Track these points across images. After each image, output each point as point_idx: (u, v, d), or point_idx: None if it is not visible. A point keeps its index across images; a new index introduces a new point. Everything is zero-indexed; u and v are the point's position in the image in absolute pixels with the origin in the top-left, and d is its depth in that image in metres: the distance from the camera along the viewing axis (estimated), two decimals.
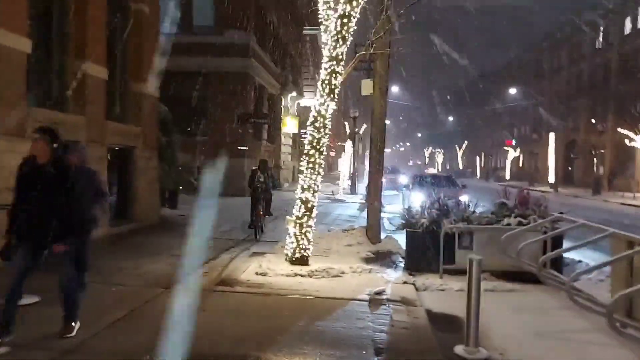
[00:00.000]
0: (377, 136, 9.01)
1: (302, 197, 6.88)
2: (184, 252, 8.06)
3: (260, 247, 8.94)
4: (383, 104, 8.96)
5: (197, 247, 8.83)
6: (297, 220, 6.91)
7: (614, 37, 35.59)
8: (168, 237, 9.38)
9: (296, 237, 6.91)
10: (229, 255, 8.02)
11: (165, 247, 8.34)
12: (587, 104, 37.63)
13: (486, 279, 6.94)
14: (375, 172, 9.04)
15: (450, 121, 71.03)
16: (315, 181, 6.86)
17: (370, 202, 9.17)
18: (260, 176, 11.32)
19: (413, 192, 15.86)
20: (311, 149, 6.81)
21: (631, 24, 33.58)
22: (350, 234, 9.15)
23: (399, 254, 8.54)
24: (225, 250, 8.37)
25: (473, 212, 7.63)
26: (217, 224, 11.97)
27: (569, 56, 42.36)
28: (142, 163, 10.62)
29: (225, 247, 8.64)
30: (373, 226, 9.03)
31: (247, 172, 19.91)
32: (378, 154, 9.03)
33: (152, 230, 10.16)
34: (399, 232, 12.31)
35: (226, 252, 8.22)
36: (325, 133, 6.85)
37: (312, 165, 6.82)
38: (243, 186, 19.13)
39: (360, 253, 8.34)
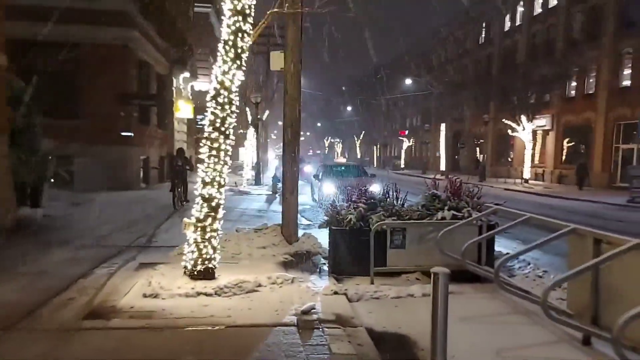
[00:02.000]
0: (291, 119, 7.73)
1: (204, 194, 5.40)
2: (43, 269, 6.16)
3: (150, 254, 7.26)
4: (297, 81, 7.69)
5: (62, 259, 6.89)
6: (198, 223, 5.42)
7: (496, 33, 38.01)
8: (23, 246, 7.30)
9: (197, 245, 5.42)
10: (108, 269, 6.24)
11: (15, 262, 6.33)
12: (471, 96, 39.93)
13: (419, 279, 6.12)
14: (290, 160, 7.77)
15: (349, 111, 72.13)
16: (220, 173, 5.41)
17: (285, 195, 7.90)
18: (178, 161, 13.20)
19: (323, 182, 14.93)
20: (214, 131, 5.34)
21: (510, 22, 36.06)
22: (263, 233, 7.82)
23: (320, 254, 7.42)
24: (102, 262, 6.56)
25: (402, 205, 6.73)
26: (95, 225, 9.99)
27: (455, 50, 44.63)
28: None
29: (103, 258, 6.82)
30: (289, 223, 7.78)
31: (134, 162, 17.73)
32: (293, 140, 7.76)
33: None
34: (313, 227, 11.35)
35: (104, 265, 6.42)
36: (232, 111, 5.42)
37: (215, 153, 5.36)
38: (128, 179, 16.82)
39: (276, 256, 7.06)
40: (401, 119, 57.58)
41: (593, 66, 26.04)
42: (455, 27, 42.98)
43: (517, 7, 35.00)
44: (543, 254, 8.06)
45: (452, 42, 44.68)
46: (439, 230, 5.90)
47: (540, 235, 5.20)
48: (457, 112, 42.84)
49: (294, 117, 7.73)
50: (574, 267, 4.11)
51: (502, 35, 37.03)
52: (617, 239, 3.58)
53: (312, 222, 12.03)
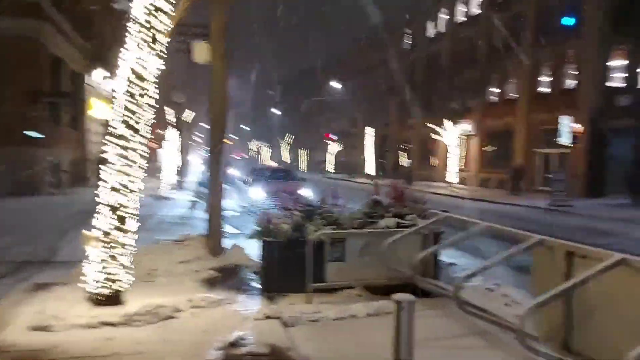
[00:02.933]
0: (217, 118, 6.95)
1: (110, 202, 4.49)
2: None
3: (49, 272, 6.15)
4: (224, 75, 6.93)
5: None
6: (102, 237, 4.50)
7: (420, 39, 39.16)
8: None
9: (102, 264, 4.50)
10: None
11: None
12: (396, 101, 40.88)
13: (361, 295, 5.59)
14: (216, 163, 6.98)
15: (276, 114, 71.49)
16: (133, 177, 4.54)
17: (210, 202, 7.08)
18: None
19: (252, 186, 14.14)
20: (125, 127, 4.46)
21: (434, 29, 37.32)
22: (184, 245, 6.94)
23: (250, 268, 6.70)
24: None
25: (341, 212, 6.18)
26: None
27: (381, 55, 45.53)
28: None
29: None
30: (215, 233, 6.99)
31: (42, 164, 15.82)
32: (219, 140, 6.98)
33: None
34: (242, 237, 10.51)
35: None
36: (147, 105, 4.58)
37: (125, 153, 4.48)
38: (35, 183, 14.98)
39: (200, 272, 6.24)
40: (329, 122, 57.82)
41: (513, 73, 27.19)
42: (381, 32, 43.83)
43: (440, 15, 36.20)
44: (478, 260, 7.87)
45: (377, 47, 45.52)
46: (382, 240, 5.42)
47: (483, 243, 4.89)
48: (384, 116, 43.70)
49: (221, 115, 6.96)
50: (541, 283, 3.75)
51: (426, 41, 38.17)
52: (594, 252, 3.23)
53: (241, 231, 11.20)
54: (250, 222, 12.69)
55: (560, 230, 12.04)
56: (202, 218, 13.21)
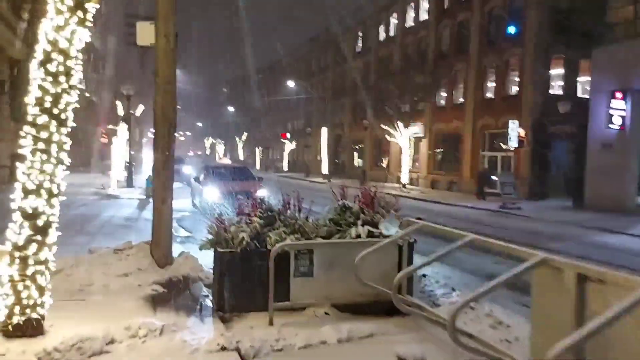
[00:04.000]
0: (163, 107, 6.08)
1: (24, 207, 3.59)
2: None
3: None
4: (171, 60, 6.07)
5: None
6: (15, 252, 3.59)
7: (372, 42, 39.08)
8: None
9: (14, 286, 3.59)
10: None
11: None
12: (350, 102, 40.70)
13: (329, 314, 4.94)
14: (163, 159, 6.10)
15: (231, 112, 69.90)
16: (52, 175, 3.65)
17: (155, 203, 6.20)
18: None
19: (205, 185, 13.17)
20: (41, 113, 3.57)
21: (385, 33, 37.33)
22: (126, 255, 6.02)
23: (203, 280, 5.90)
24: None
25: (306, 218, 5.49)
26: None
27: (334, 57, 45.25)
28: None
29: None
30: (161, 240, 6.11)
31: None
32: (166, 133, 6.11)
33: None
34: (194, 241, 9.60)
35: None
36: (71, 86, 3.70)
37: (44, 146, 3.59)
38: None
39: (143, 287, 5.37)
40: (283, 121, 57.01)
41: (461, 78, 27.67)
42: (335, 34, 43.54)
43: (391, 19, 36.28)
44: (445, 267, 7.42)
45: (331, 49, 45.16)
46: (352, 251, 4.77)
47: (441, 246, 4.39)
48: (338, 117, 43.42)
49: (168, 104, 6.09)
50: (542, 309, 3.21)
51: (378, 44, 38.13)
52: (616, 278, 2.69)
53: (192, 234, 10.29)
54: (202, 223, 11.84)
55: (516, 233, 11.95)
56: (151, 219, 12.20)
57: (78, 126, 22.60)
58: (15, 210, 3.63)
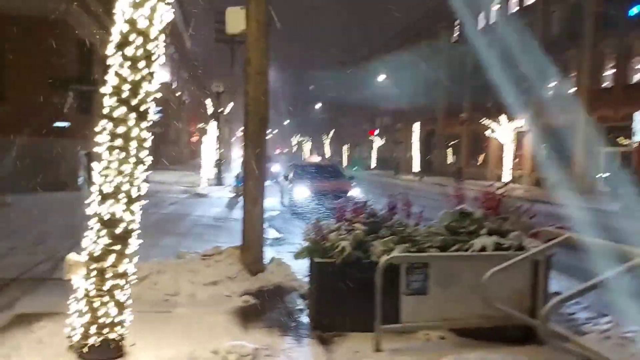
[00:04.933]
0: (255, 100, 5.53)
1: (101, 214, 3.13)
2: None
3: (42, 294, 4.90)
4: (263, 47, 5.51)
5: None
6: (91, 264, 3.15)
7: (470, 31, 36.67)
8: None
9: (90, 302, 3.15)
10: None
11: None
12: (444, 96, 38.66)
13: (445, 339, 4.08)
14: (254, 157, 5.57)
15: (318, 109, 70.26)
16: (131, 177, 3.16)
17: (246, 205, 5.69)
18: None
19: (295, 184, 12.73)
20: (119, 104, 3.08)
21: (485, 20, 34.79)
22: (214, 260, 5.57)
23: (297, 290, 5.28)
24: None
25: (416, 225, 4.62)
26: None
27: (428, 48, 43.31)
28: None
29: None
30: (252, 245, 5.60)
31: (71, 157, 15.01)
32: (258, 129, 5.56)
33: None
34: (284, 243, 9.12)
35: None
36: (151, 73, 3.18)
37: (122, 143, 3.10)
38: (63, 177, 14.11)
39: (232, 298, 4.88)
40: (372, 117, 55.95)
41: (572, 66, 24.95)
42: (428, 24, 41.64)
43: (492, 5, 33.75)
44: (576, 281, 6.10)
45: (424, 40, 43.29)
46: (475, 266, 3.87)
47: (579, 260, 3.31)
48: (430, 111, 41.54)
49: (259, 96, 5.54)
50: None
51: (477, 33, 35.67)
52: None
53: (282, 235, 9.83)
54: (294, 224, 11.38)
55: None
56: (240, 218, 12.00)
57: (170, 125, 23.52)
58: (92, 216, 3.18)
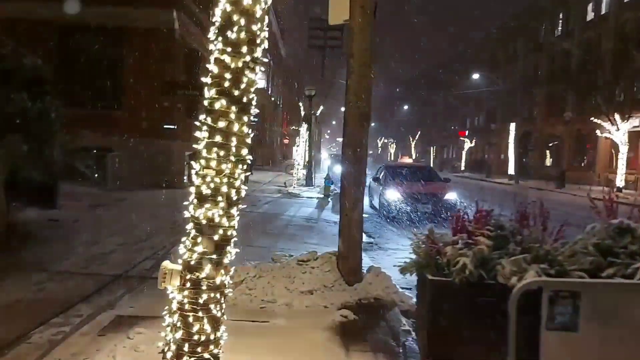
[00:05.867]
0: (357, 96, 5.05)
1: (198, 218, 2.80)
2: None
3: (143, 294, 4.81)
4: (368, 36, 5.01)
5: (7, 302, 4.49)
6: (186, 274, 2.83)
7: (576, 23, 33.53)
8: None
9: (184, 316, 2.84)
10: (59, 328, 3.76)
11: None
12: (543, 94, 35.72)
13: None
14: (354, 158, 5.09)
15: (404, 111, 68.67)
16: (231, 177, 2.80)
17: (344, 210, 5.22)
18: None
19: (386, 186, 12.12)
20: (219, 96, 2.73)
21: (593, 11, 31.58)
22: (310, 267, 5.18)
23: (398, 305, 4.73)
24: (63, 310, 4.13)
25: (556, 241, 3.84)
26: (100, 237, 7.75)
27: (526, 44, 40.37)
28: None
29: (70, 299, 4.41)
30: (350, 253, 5.13)
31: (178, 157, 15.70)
32: (359, 127, 5.08)
33: None
34: (376, 248, 8.63)
35: (59, 318, 3.98)
36: (255, 60, 2.80)
37: (223, 140, 2.75)
38: (171, 176, 14.77)
39: (330, 310, 4.45)
40: (462, 118, 53.49)
41: None
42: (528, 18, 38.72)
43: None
44: None
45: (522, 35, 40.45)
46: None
47: None
48: (527, 111, 38.68)
49: (362, 91, 5.05)
50: None
51: (582, 26, 32.54)
52: None
53: (375, 240, 9.32)
54: (386, 228, 10.80)
55: None
56: (330, 220, 11.63)
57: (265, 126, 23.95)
58: (188, 220, 2.87)
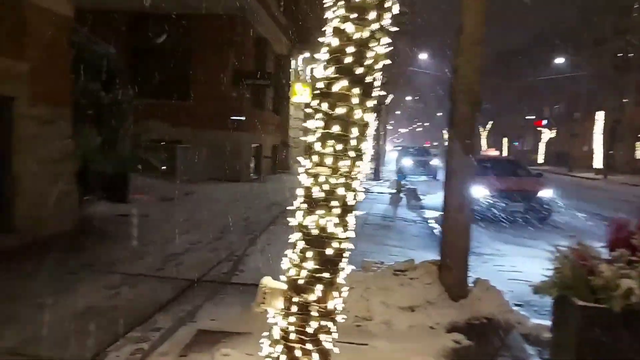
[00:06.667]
0: (468, 79, 4.32)
1: (308, 227, 2.24)
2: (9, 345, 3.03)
3: (223, 304, 4.41)
4: (481, 10, 4.25)
5: (72, 313, 4.10)
6: (292, 296, 2.30)
7: None
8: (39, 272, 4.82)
9: (289, 348, 2.31)
10: (136, 345, 3.37)
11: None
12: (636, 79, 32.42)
13: None
14: (462, 151, 4.36)
15: None
16: (349, 178, 2.21)
17: (448, 211, 4.52)
18: None
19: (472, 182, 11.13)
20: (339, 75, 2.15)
21: None
22: (408, 278, 4.53)
23: (517, 328, 4.00)
24: (140, 323, 3.75)
25: None
26: (172, 234, 7.50)
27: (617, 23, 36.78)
28: (30, 128, 6.05)
29: (145, 309, 4.04)
30: (455, 262, 4.43)
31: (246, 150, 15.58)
32: (470, 117, 4.35)
33: (36, 253, 5.56)
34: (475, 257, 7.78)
35: (135, 332, 3.61)
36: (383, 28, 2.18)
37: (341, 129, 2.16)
38: (238, 169, 14.62)
39: (438, 333, 3.80)
40: (539, 106, 50.09)
41: None
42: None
43: None
44: None
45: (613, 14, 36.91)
46: None
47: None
48: (617, 98, 35.36)
49: (473, 73, 4.31)
50: None
51: None
52: None
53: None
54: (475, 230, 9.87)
55: None
56: (408, 218, 10.89)
57: None
58: (295, 229, 2.33)
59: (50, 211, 6.35)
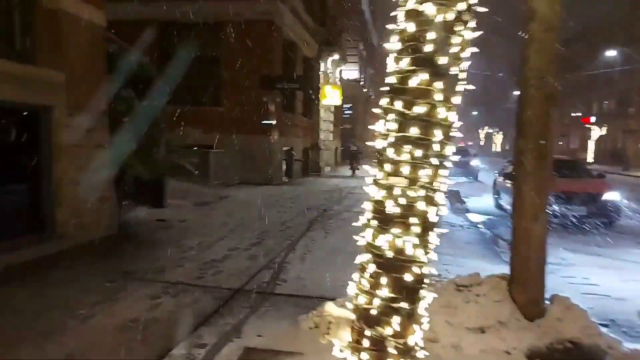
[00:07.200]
0: (539, 72, 3.81)
1: (380, 247, 1.86)
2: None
3: (268, 316, 4.04)
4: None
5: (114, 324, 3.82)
6: (363, 328, 1.92)
7: None
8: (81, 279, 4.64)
9: None
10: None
11: (26, 322, 3.59)
12: None
13: None
14: (536, 153, 3.86)
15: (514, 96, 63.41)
16: (430, 190, 1.81)
17: (520, 221, 4.02)
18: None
19: None
20: (415, 67, 1.76)
21: None
22: (473, 294, 4.05)
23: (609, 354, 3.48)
24: (185, 337, 3.48)
25: None
26: (211, 239, 7.26)
27: None
28: (69, 135, 5.94)
29: (186, 322, 3.77)
30: (529, 277, 3.92)
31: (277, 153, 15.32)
32: (543, 113, 3.84)
33: (77, 260, 5.40)
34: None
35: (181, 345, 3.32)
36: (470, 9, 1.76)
37: (421, 134, 1.77)
38: (269, 172, 14.43)
39: (513, 357, 3.34)
40: (587, 102, 47.77)
41: None
42: None
43: None
44: None
45: None
46: None
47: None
48: None
49: (547, 63, 3.81)
50: None
51: None
52: None
53: None
54: None
55: None
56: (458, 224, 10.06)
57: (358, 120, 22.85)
58: (364, 249, 1.95)
59: (90, 217, 6.25)
